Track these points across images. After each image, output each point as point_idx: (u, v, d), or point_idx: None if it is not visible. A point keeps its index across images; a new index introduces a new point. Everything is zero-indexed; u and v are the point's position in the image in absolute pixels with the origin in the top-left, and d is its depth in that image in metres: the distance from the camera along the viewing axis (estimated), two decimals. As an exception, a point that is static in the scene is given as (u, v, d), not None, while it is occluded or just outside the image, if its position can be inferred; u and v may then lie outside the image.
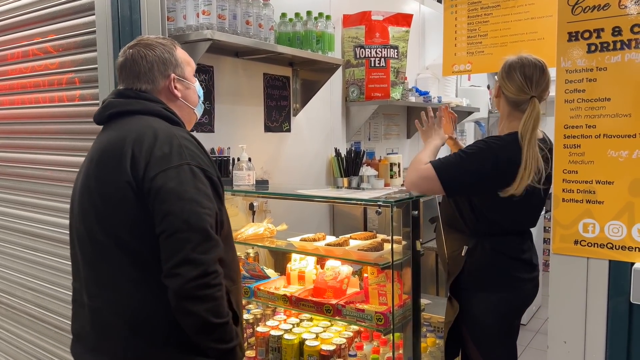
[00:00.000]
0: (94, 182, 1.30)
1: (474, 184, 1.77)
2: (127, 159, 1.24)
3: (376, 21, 3.27)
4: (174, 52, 1.42)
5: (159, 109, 1.36)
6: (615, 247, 1.26)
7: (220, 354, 1.26)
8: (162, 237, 1.19)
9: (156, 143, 1.24)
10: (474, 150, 1.78)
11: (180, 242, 1.17)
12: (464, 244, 1.87)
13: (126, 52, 1.40)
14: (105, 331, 1.29)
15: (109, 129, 1.37)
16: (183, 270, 1.16)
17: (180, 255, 1.16)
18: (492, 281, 1.85)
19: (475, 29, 3.33)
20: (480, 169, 1.75)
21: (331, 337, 2.15)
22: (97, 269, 1.30)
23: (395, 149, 3.90)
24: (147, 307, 1.25)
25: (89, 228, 1.31)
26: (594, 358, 1.29)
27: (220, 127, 2.50)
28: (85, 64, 2.34)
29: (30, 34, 2.59)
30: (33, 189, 2.71)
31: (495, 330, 1.87)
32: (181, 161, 1.23)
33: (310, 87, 2.94)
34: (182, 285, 1.16)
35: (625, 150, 1.23)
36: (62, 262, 2.56)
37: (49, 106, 2.56)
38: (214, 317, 1.20)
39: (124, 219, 1.25)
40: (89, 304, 1.32)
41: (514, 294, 1.88)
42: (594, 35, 1.25)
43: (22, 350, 2.85)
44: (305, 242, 2.12)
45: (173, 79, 1.41)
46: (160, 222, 1.19)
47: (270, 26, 2.41)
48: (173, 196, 1.19)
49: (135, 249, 1.25)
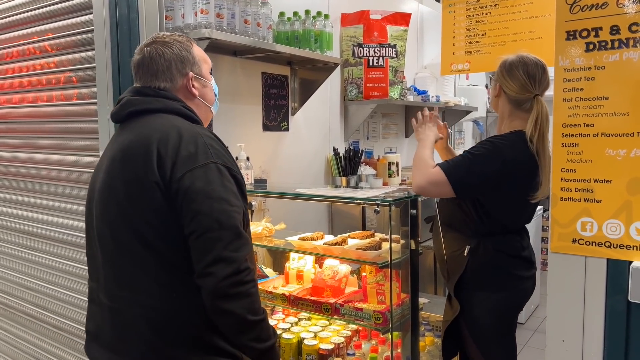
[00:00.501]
0: (119, 182, 1.28)
1: (483, 184, 1.77)
2: (154, 159, 1.23)
3: (374, 20, 3.27)
4: (191, 49, 1.40)
5: (178, 107, 1.35)
6: (613, 245, 1.26)
7: (260, 353, 1.25)
8: (193, 237, 1.18)
9: (182, 142, 1.23)
10: (482, 151, 1.78)
11: (212, 241, 1.17)
12: (465, 244, 1.87)
13: (143, 50, 1.38)
14: (125, 332, 1.27)
15: (129, 128, 1.34)
16: (216, 269, 1.15)
17: (213, 255, 1.16)
18: (493, 280, 1.85)
19: (473, 28, 3.34)
20: (488, 170, 1.75)
21: (330, 336, 2.15)
22: (119, 268, 1.28)
23: (393, 148, 3.90)
24: (171, 308, 1.24)
25: (112, 227, 1.28)
26: (592, 356, 1.30)
27: (218, 125, 2.50)
28: (83, 63, 2.34)
29: (27, 32, 2.59)
30: (30, 188, 2.70)
31: (497, 328, 1.87)
32: (207, 160, 1.23)
33: (308, 86, 2.94)
34: (216, 284, 1.16)
35: (623, 149, 1.23)
36: (61, 262, 2.56)
37: (46, 105, 2.55)
38: (250, 315, 1.20)
39: (151, 219, 1.23)
40: (109, 304, 1.30)
41: (514, 292, 1.88)
42: (592, 34, 1.25)
43: (20, 351, 2.84)
44: (304, 241, 2.12)
45: (191, 77, 1.39)
46: (190, 222, 1.19)
47: (269, 25, 2.41)
48: (201, 195, 1.19)
49: (161, 249, 1.23)
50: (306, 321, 2.32)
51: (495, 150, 1.76)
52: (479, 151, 1.78)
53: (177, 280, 1.23)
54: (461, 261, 1.87)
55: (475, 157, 1.76)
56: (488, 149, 1.77)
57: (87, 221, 1.41)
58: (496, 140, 1.80)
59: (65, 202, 2.52)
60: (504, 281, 1.86)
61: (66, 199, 2.51)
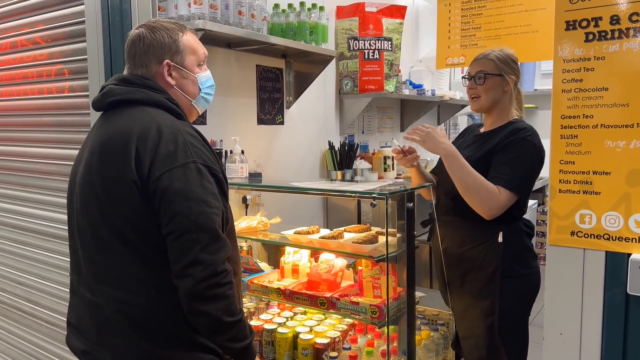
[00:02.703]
0: (97, 177, 1.26)
1: (534, 178, 1.85)
2: (132, 157, 1.20)
3: (370, 13, 3.25)
4: (177, 37, 1.37)
5: (162, 100, 1.31)
6: (612, 238, 1.25)
7: (237, 353, 1.25)
8: (171, 237, 1.17)
9: (161, 140, 1.21)
10: (521, 154, 1.80)
11: (190, 242, 1.16)
12: (495, 231, 1.85)
13: (132, 32, 1.36)
14: (106, 327, 1.26)
15: (110, 119, 1.32)
16: (193, 271, 1.15)
17: (190, 256, 1.15)
18: (524, 262, 1.88)
19: (469, 21, 3.31)
20: (535, 167, 1.82)
21: (325, 331, 2.14)
22: (99, 264, 1.27)
23: (388, 142, 3.88)
24: (150, 304, 1.23)
25: (91, 223, 1.27)
26: (590, 349, 1.29)
27: (212, 119, 2.47)
28: (75, 55, 2.30)
29: (18, 24, 2.54)
30: (21, 182, 2.67)
31: (526, 312, 1.91)
32: (187, 159, 1.20)
33: (303, 79, 2.91)
34: (193, 285, 1.16)
35: (622, 141, 1.22)
36: (52, 256, 2.53)
37: (38, 98, 2.52)
38: (226, 316, 1.20)
39: (129, 217, 1.22)
40: (90, 298, 1.29)
41: (536, 270, 1.92)
42: (592, 24, 1.24)
43: (12, 346, 2.81)
44: (299, 235, 2.11)
45: (167, 65, 1.36)
46: (168, 223, 1.17)
47: (263, 17, 2.38)
48: (180, 197, 1.17)
49: (140, 246, 1.22)
50: (302, 315, 2.31)
51: (530, 146, 1.81)
52: (520, 154, 1.80)
53: (157, 277, 1.22)
54: (494, 249, 1.85)
55: (522, 161, 1.80)
56: (525, 148, 1.81)
57: (68, 213, 1.40)
58: (525, 135, 1.83)
59: (56, 196, 2.48)
60: (531, 260, 1.90)
61: (58, 192, 2.47)
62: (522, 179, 1.79)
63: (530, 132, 1.85)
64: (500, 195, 1.76)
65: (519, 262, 1.87)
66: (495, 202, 1.76)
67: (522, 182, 1.80)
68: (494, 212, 1.78)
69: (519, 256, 1.87)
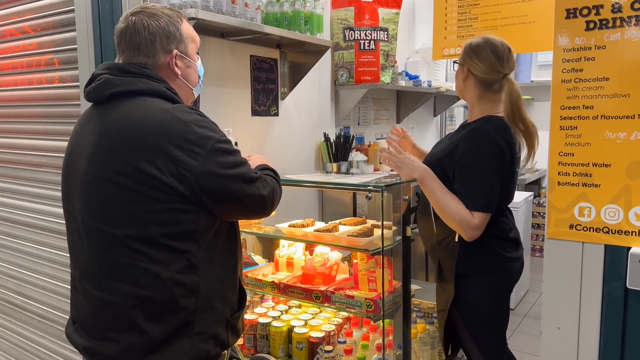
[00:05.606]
0: (112, 174, 1.21)
1: (498, 183, 1.76)
2: (144, 151, 1.17)
3: (366, 2, 3.20)
4: (180, 25, 1.33)
5: (162, 89, 1.27)
6: (612, 231, 1.23)
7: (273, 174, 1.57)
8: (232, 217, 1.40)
9: (179, 131, 1.19)
10: (478, 161, 1.74)
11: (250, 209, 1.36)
12: (450, 231, 1.83)
13: (128, 19, 1.30)
14: (115, 323, 1.23)
15: (111, 111, 1.26)
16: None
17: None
18: (485, 264, 1.83)
19: (465, 12, 3.27)
20: (496, 172, 1.74)
21: (320, 324, 2.13)
22: (108, 260, 1.23)
23: (384, 134, 3.85)
24: (166, 297, 1.21)
25: (101, 219, 1.23)
26: (588, 344, 1.27)
27: (205, 110, 2.42)
28: (64, 45, 2.26)
29: (6, 13, 2.49)
30: (11, 174, 2.63)
31: (491, 312, 1.85)
32: (208, 145, 1.21)
33: (298, 70, 2.87)
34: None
35: (623, 132, 1.20)
36: (45, 250, 2.50)
37: (27, 89, 2.47)
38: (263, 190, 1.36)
39: (142, 212, 1.18)
40: (99, 295, 1.25)
41: (504, 274, 1.86)
42: (593, 12, 1.21)
43: (4, 340, 2.79)
44: (294, 228, 2.08)
45: (175, 55, 1.32)
46: (222, 213, 1.28)
47: (257, 6, 2.34)
48: (218, 185, 1.21)
49: (154, 242, 1.19)
50: (296, 309, 2.29)
51: (487, 152, 1.73)
52: (477, 162, 1.74)
53: (170, 270, 1.21)
54: (452, 248, 1.84)
55: (481, 170, 1.74)
56: (481, 155, 1.74)
57: (66, 209, 1.35)
58: (483, 141, 1.75)
59: (47, 188, 2.45)
60: (495, 263, 1.84)
61: (49, 185, 2.44)
62: (483, 194, 1.73)
63: (480, 131, 1.77)
64: (473, 218, 1.73)
65: (477, 263, 1.83)
66: (468, 225, 1.73)
67: (486, 197, 1.73)
68: (470, 233, 1.74)
69: (482, 257, 1.82)
